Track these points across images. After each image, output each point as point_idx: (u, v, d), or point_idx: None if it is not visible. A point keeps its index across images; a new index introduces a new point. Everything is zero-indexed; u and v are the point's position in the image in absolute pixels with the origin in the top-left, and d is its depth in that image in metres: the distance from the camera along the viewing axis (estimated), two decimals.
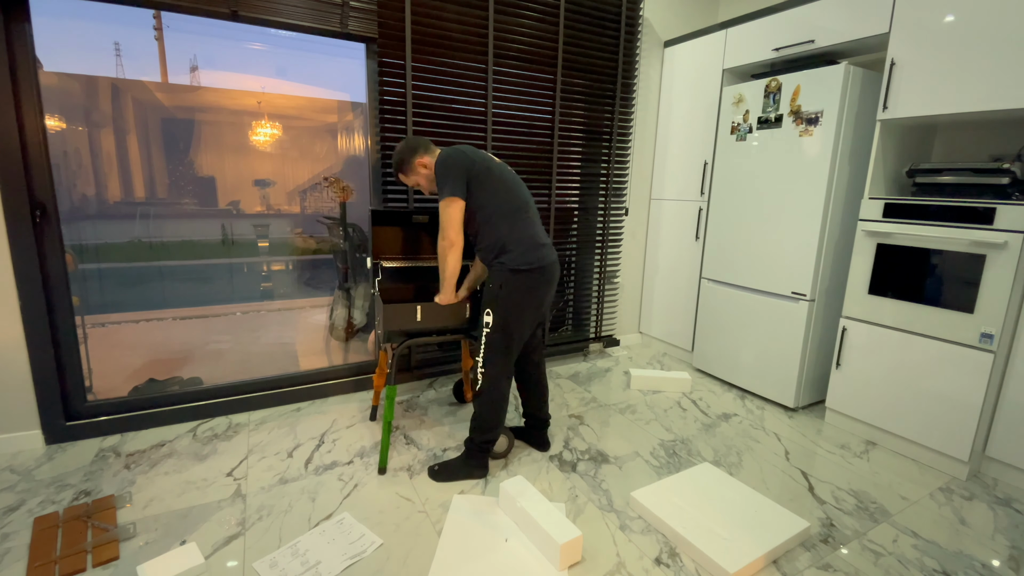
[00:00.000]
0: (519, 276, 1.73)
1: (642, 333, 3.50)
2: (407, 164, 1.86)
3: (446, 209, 1.71)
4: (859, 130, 2.25)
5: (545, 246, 1.80)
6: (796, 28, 2.38)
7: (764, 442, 2.16)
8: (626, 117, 3.01)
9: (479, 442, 1.81)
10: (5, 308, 1.84)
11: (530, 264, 1.73)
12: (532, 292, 1.76)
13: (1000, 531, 1.62)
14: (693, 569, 1.42)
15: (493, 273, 1.76)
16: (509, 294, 1.73)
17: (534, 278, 1.75)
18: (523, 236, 1.75)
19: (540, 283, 1.77)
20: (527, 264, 1.73)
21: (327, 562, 1.39)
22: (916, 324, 2.00)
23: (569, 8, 2.66)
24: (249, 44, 2.49)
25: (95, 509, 1.57)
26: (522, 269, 1.72)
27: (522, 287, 1.74)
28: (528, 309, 1.77)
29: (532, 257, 1.74)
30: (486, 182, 1.74)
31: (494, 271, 1.76)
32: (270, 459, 1.91)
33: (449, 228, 1.72)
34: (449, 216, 1.72)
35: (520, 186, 1.84)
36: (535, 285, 1.76)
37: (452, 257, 1.75)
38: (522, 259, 1.72)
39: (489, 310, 1.75)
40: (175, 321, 2.97)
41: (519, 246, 1.73)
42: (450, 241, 1.73)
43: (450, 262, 1.76)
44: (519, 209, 1.78)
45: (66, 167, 2.21)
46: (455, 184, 1.70)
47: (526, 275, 1.73)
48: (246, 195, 2.82)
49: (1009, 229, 1.73)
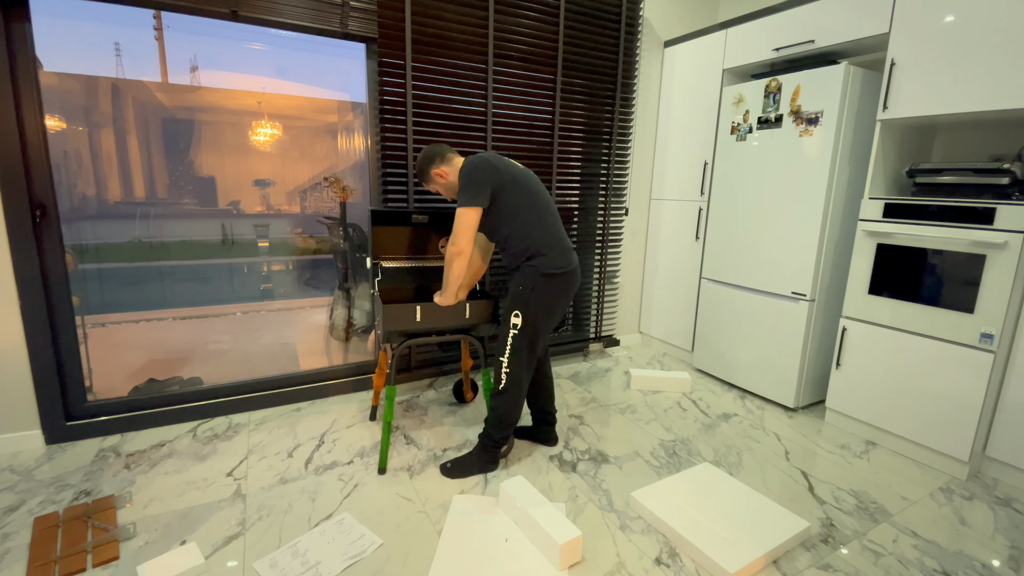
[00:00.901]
0: (553, 280, 1.76)
1: (642, 333, 3.50)
2: (425, 174, 1.88)
3: (463, 216, 1.70)
4: (859, 130, 2.25)
5: (573, 250, 1.85)
6: (796, 28, 2.38)
7: (764, 442, 2.16)
8: (626, 117, 3.01)
9: (497, 438, 1.84)
10: (5, 308, 1.84)
11: (561, 268, 1.76)
12: (562, 295, 1.80)
13: (1000, 531, 1.62)
14: (693, 569, 1.42)
15: (522, 276, 1.78)
16: (541, 297, 1.76)
17: (566, 281, 1.79)
18: (554, 241, 1.79)
19: (569, 286, 1.81)
20: (559, 268, 1.76)
21: (327, 562, 1.39)
22: (916, 324, 2.00)
23: (569, 8, 2.66)
24: (249, 44, 2.49)
25: (95, 509, 1.57)
26: (555, 273, 1.75)
27: (555, 290, 1.77)
28: (556, 312, 1.81)
29: (563, 261, 1.77)
30: (514, 190, 1.76)
31: (524, 274, 1.77)
32: (270, 459, 1.91)
33: (461, 235, 1.71)
34: (465, 223, 1.70)
35: (544, 191, 1.87)
36: (565, 288, 1.80)
37: (458, 264, 1.74)
38: (554, 263, 1.76)
39: (518, 311, 1.77)
40: (175, 321, 2.97)
41: (551, 250, 1.76)
42: (459, 248, 1.71)
43: (455, 269, 1.75)
44: (549, 214, 1.82)
45: (66, 167, 2.21)
46: (479, 193, 1.70)
47: (559, 279, 1.77)
48: (246, 195, 2.82)
49: (1009, 229, 1.73)
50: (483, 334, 1.97)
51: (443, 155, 1.86)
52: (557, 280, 1.76)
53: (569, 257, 1.80)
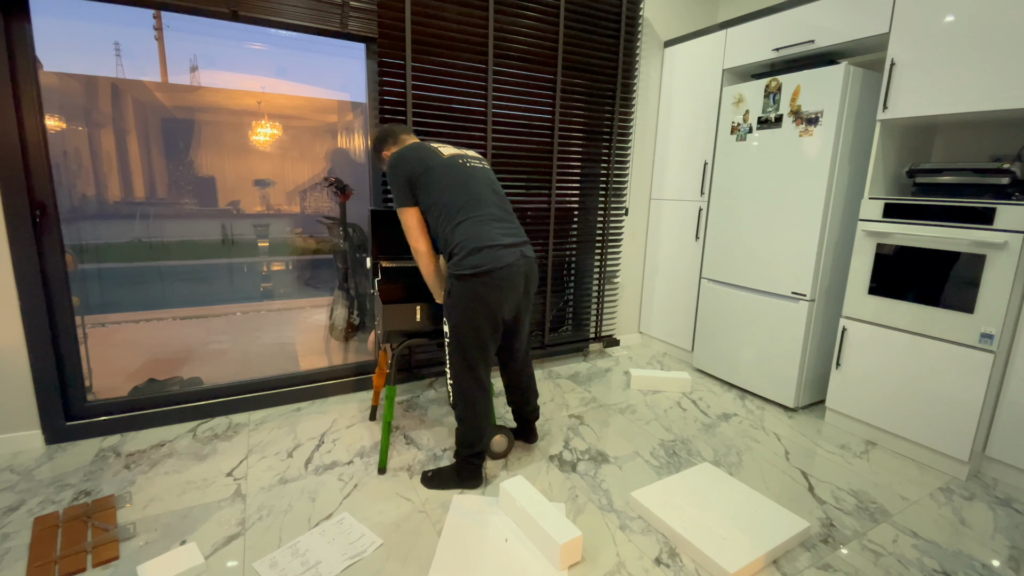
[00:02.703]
0: (464, 282, 1.57)
1: (642, 333, 3.50)
2: (377, 154, 1.87)
3: (401, 219, 1.69)
4: (859, 130, 2.25)
5: (498, 247, 1.59)
6: (796, 28, 2.38)
7: (764, 442, 2.16)
8: (626, 117, 3.01)
9: (464, 456, 1.74)
10: (5, 308, 1.84)
11: (475, 268, 1.55)
12: (480, 299, 1.58)
13: (1000, 531, 1.62)
14: (693, 569, 1.42)
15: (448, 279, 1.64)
16: (456, 302, 1.60)
17: (482, 283, 1.57)
18: (467, 237, 1.58)
19: (491, 288, 1.58)
20: (472, 268, 1.55)
21: (327, 562, 1.39)
22: (916, 324, 2.00)
23: (569, 8, 2.66)
24: (249, 44, 2.49)
25: (95, 509, 1.57)
26: (466, 274, 1.56)
27: (468, 294, 1.58)
28: (479, 318, 1.60)
29: (478, 260, 1.55)
30: (429, 183, 1.63)
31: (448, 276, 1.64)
32: (270, 459, 1.91)
33: (409, 237, 1.69)
34: (406, 225, 1.69)
35: (473, 180, 1.67)
36: (484, 291, 1.58)
37: (422, 263, 1.71)
38: (466, 263, 1.56)
39: (445, 318, 1.66)
40: (175, 321, 2.96)
41: (462, 249, 1.58)
42: (413, 248, 1.70)
43: (422, 268, 1.72)
44: (464, 207, 1.61)
45: (66, 167, 2.21)
46: (400, 194, 1.66)
47: (472, 280, 1.56)
48: (246, 195, 2.82)
49: (1009, 229, 1.73)
50: None
51: (396, 136, 1.81)
52: (471, 282, 1.56)
53: (489, 255, 1.56)
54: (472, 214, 1.62)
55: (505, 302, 1.63)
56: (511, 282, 1.61)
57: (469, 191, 1.64)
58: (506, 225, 1.67)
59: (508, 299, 1.63)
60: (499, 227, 1.64)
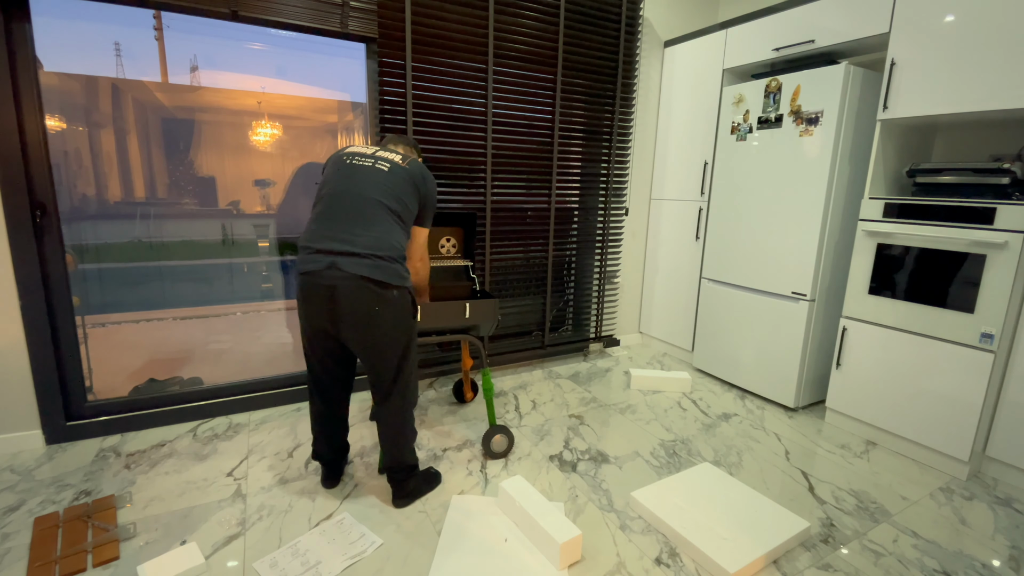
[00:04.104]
0: (297, 282, 1.49)
1: (642, 333, 3.50)
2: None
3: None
4: (859, 130, 2.25)
5: (308, 250, 1.44)
6: (796, 28, 2.38)
7: (764, 442, 2.16)
8: (626, 117, 3.01)
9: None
10: (5, 308, 1.84)
11: (299, 269, 1.46)
12: (301, 302, 1.49)
13: (1000, 531, 1.62)
14: (693, 569, 1.42)
15: None
16: (298, 303, 1.53)
17: (300, 287, 1.47)
18: (312, 235, 1.47)
19: (301, 296, 1.48)
20: (299, 269, 1.46)
21: (327, 562, 1.39)
22: (916, 324, 1.99)
23: (569, 8, 2.66)
24: (249, 44, 2.49)
25: (95, 509, 1.57)
26: (298, 273, 1.48)
27: (298, 295, 1.49)
28: (302, 320, 1.52)
29: (299, 260, 1.47)
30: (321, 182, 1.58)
31: None
32: (270, 459, 1.91)
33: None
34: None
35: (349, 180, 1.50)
36: (302, 296, 1.47)
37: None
38: (299, 263, 1.47)
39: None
40: (175, 321, 2.96)
41: (301, 247, 1.48)
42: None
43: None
44: (318, 203, 1.51)
45: (66, 167, 2.20)
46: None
47: (298, 281, 1.48)
48: (246, 195, 2.82)
49: (1009, 229, 1.73)
50: (483, 334, 1.97)
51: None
52: (298, 282, 1.48)
53: (302, 258, 1.45)
54: (317, 211, 1.50)
55: (312, 316, 1.48)
56: (309, 293, 1.44)
57: (334, 187, 1.50)
58: (339, 227, 1.43)
59: (313, 312, 1.47)
60: (326, 228, 1.45)
